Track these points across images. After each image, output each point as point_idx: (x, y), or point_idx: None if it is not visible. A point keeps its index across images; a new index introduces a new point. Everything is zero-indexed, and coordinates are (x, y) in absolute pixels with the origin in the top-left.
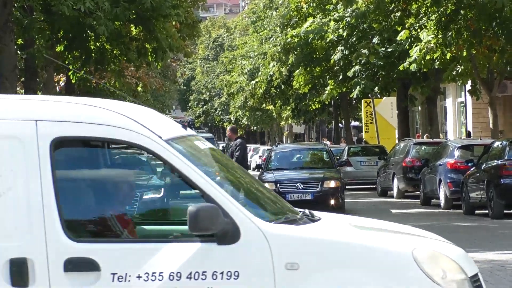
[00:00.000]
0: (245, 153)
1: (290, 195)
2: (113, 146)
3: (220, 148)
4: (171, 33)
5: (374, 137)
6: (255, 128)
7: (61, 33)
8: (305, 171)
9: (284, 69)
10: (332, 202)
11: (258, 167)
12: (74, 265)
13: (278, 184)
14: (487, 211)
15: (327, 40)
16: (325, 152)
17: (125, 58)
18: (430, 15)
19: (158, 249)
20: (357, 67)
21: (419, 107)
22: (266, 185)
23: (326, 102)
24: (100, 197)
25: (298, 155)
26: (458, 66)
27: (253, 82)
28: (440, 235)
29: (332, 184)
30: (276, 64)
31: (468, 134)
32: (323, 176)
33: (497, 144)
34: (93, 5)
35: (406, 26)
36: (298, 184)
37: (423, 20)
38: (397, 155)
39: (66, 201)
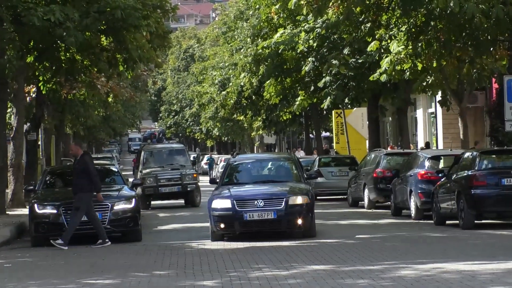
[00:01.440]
0: (90, 170)
1: (249, 214)
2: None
3: (191, 159)
4: (142, 44)
5: (345, 147)
6: (226, 138)
7: (31, 43)
8: (267, 186)
9: (255, 80)
10: (299, 222)
11: (212, 181)
12: None
13: (234, 202)
14: (457, 222)
15: (298, 51)
16: (291, 163)
17: (96, 69)
18: (400, 26)
19: None
20: (327, 78)
21: (390, 118)
22: (220, 202)
23: (297, 113)
24: None
25: (259, 167)
26: (428, 77)
27: (224, 92)
28: (411, 245)
29: (299, 200)
30: (247, 75)
31: (427, 145)
32: (288, 191)
33: (467, 154)
34: (63, 15)
35: (376, 37)
36: (258, 201)
37: (393, 31)
38: (367, 166)
39: None
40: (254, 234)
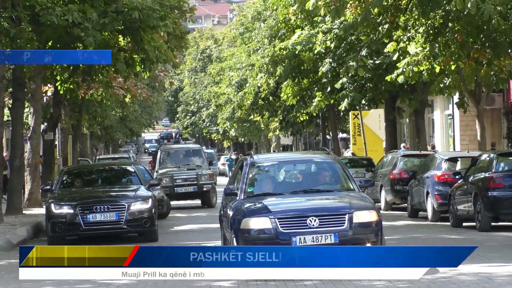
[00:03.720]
0: None
1: (299, 238)
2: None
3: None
4: (159, 44)
5: (361, 149)
6: (242, 139)
7: (49, 43)
8: (314, 197)
9: (272, 81)
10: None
11: (230, 193)
12: None
13: (276, 220)
14: (474, 224)
15: (315, 52)
16: (336, 165)
17: (113, 69)
18: (417, 27)
19: None
20: (344, 79)
21: (407, 119)
22: (256, 221)
23: (314, 114)
24: None
25: (294, 171)
26: (446, 78)
27: (241, 93)
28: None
29: (365, 217)
30: (264, 76)
31: (433, 147)
32: (350, 204)
33: (484, 156)
34: (81, 15)
35: (394, 38)
36: (311, 219)
37: (411, 33)
38: (384, 167)
39: None
40: None
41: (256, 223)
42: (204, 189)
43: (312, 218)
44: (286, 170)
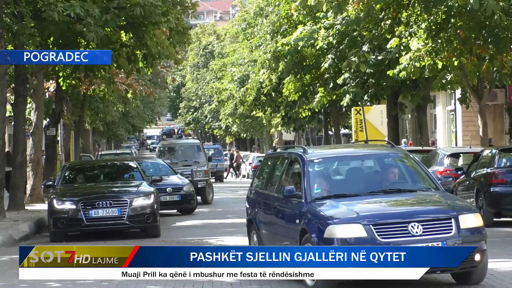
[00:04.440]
0: None
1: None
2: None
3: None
4: (161, 40)
5: None
6: (245, 135)
7: (51, 39)
8: (402, 199)
9: (274, 77)
10: (477, 257)
11: (290, 195)
12: None
13: (371, 227)
14: None
15: (317, 48)
16: (410, 162)
17: (115, 65)
18: (420, 23)
19: None
20: (346, 75)
21: (409, 115)
22: (346, 228)
23: (316, 110)
24: None
25: (361, 169)
26: (448, 74)
27: (243, 89)
28: None
29: (472, 221)
30: (266, 72)
31: (433, 143)
32: (452, 206)
33: (486, 152)
34: (83, 11)
35: (396, 34)
36: (412, 225)
37: (413, 28)
38: None
39: None
40: None
41: (346, 231)
42: (199, 185)
43: (414, 224)
44: (354, 167)
